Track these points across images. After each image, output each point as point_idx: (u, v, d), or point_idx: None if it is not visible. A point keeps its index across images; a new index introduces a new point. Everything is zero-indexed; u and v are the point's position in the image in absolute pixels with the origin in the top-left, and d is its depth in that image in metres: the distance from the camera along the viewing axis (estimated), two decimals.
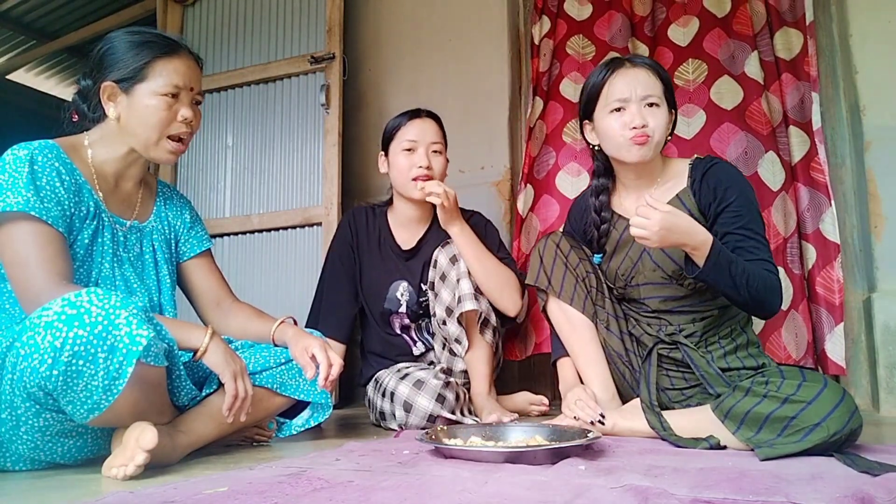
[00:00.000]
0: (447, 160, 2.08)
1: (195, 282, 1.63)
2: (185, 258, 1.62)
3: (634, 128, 1.58)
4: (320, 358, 1.47)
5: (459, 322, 1.89)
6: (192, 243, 1.63)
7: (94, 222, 1.39)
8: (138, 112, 1.38)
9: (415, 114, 2.06)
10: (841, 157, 2.40)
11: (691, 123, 2.59)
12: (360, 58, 3.20)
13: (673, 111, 1.66)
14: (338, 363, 1.49)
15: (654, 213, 1.39)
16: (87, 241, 1.37)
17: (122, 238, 1.46)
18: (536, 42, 2.90)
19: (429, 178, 1.98)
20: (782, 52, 2.50)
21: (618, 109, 1.61)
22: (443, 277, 1.92)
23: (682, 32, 2.68)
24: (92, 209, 1.39)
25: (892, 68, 2.27)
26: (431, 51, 3.06)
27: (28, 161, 1.28)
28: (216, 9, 3.31)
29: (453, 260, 1.92)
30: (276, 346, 1.57)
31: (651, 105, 1.60)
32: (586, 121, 1.71)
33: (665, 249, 1.60)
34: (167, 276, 1.55)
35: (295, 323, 1.63)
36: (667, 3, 2.72)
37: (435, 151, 2.03)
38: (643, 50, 2.71)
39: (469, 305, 1.86)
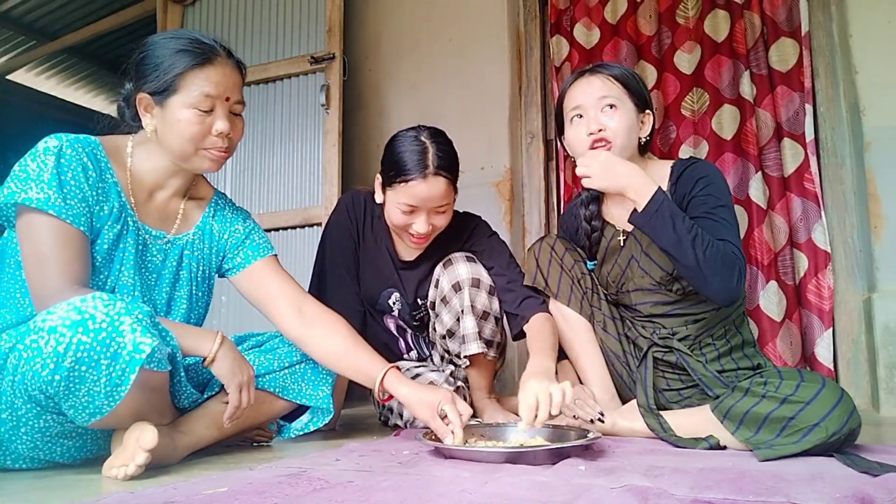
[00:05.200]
0: (453, 204, 1.81)
1: (262, 289, 1.50)
2: (240, 269, 1.51)
3: (591, 133, 1.58)
4: (452, 417, 1.34)
5: (463, 338, 1.81)
6: (247, 254, 1.52)
7: (118, 226, 1.34)
8: (171, 125, 1.32)
9: (423, 167, 1.67)
10: (841, 158, 2.40)
11: (697, 154, 2.61)
12: (360, 58, 3.20)
13: (647, 112, 1.64)
14: (468, 412, 1.37)
15: (598, 153, 1.49)
16: (105, 246, 1.32)
17: (141, 245, 1.40)
18: (557, 65, 2.92)
19: (426, 238, 1.77)
20: (777, 63, 2.52)
21: (579, 116, 1.62)
22: (444, 301, 1.83)
23: (686, 59, 2.70)
24: (116, 211, 1.34)
25: (892, 68, 2.28)
26: (431, 51, 3.07)
27: (55, 154, 1.25)
28: (216, 9, 3.32)
29: (456, 287, 1.79)
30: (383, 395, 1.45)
31: (610, 106, 1.58)
32: (563, 137, 1.72)
33: (651, 256, 1.61)
34: (185, 297, 1.46)
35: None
36: (671, 25, 2.73)
37: (440, 212, 1.74)
38: (650, 72, 2.71)
39: (474, 349, 1.77)
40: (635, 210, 1.46)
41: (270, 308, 1.49)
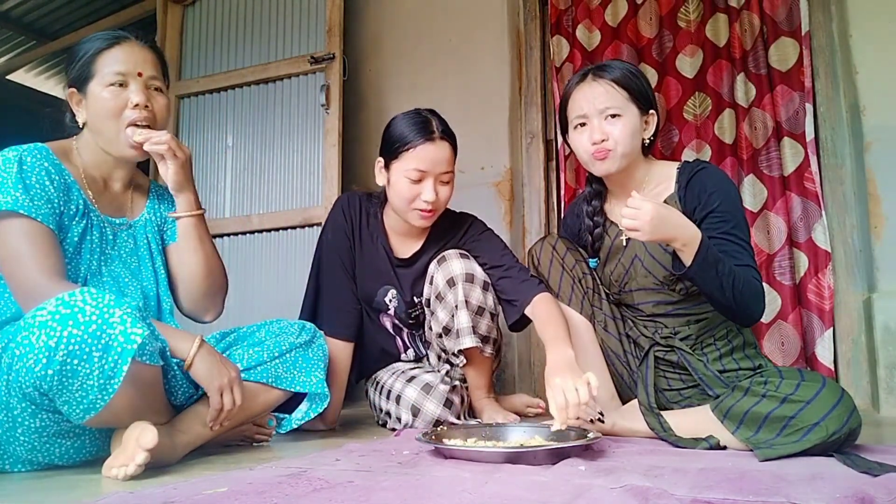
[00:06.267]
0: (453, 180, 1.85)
1: (180, 265, 1.54)
2: (170, 241, 1.56)
3: (594, 143, 1.58)
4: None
5: (458, 332, 1.81)
6: (174, 230, 1.56)
7: (83, 221, 1.40)
8: (94, 108, 1.40)
9: (429, 132, 1.74)
10: (841, 158, 2.40)
11: (700, 158, 2.61)
12: (360, 58, 3.20)
13: (652, 112, 1.64)
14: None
15: (645, 204, 1.39)
16: (75, 239, 1.38)
17: (110, 236, 1.46)
18: (558, 65, 2.91)
19: (433, 212, 1.78)
20: (777, 63, 2.52)
21: (581, 124, 1.62)
22: (439, 297, 1.83)
23: (689, 63, 2.69)
24: (81, 208, 1.39)
25: (892, 68, 2.27)
26: (431, 51, 3.07)
27: (17, 161, 1.30)
28: (216, 9, 3.32)
29: (451, 283, 1.80)
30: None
31: (613, 116, 1.58)
32: (566, 135, 1.72)
33: (655, 255, 1.61)
34: (161, 266, 1.54)
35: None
36: (673, 29, 2.72)
37: (444, 182, 1.78)
38: (651, 76, 2.70)
39: (468, 342, 1.78)
40: (678, 258, 1.44)
41: (178, 280, 1.55)
